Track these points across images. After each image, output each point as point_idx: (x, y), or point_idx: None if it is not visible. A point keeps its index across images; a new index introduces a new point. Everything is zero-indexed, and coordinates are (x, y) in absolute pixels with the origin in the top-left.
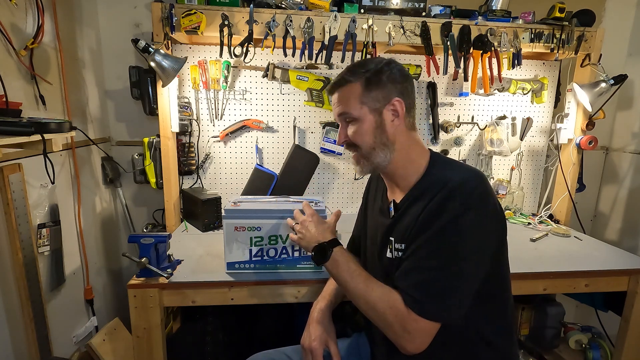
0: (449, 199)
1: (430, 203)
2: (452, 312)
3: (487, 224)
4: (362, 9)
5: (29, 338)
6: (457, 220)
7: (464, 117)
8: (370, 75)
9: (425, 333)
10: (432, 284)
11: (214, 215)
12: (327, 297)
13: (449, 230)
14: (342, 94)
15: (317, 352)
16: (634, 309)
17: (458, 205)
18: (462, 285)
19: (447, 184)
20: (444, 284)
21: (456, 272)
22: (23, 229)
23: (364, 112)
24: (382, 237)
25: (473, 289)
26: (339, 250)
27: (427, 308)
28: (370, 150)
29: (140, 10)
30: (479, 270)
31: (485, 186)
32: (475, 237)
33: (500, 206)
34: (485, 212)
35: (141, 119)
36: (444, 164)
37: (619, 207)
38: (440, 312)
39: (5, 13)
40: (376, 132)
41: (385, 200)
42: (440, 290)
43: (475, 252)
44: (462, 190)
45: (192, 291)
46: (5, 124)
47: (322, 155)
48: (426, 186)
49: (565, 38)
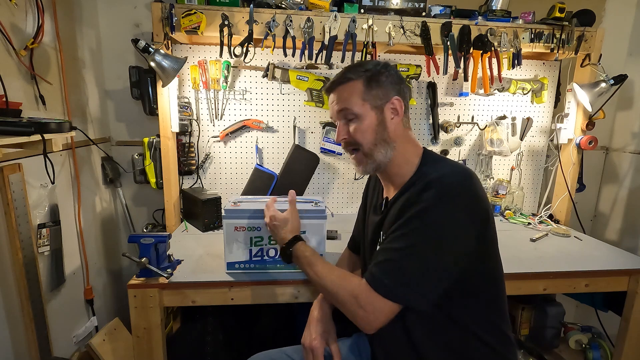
0: (425, 190)
1: (410, 196)
2: (408, 293)
3: (460, 219)
4: (362, 9)
5: (29, 338)
6: (427, 210)
7: (464, 117)
8: (371, 75)
9: (380, 310)
10: (393, 264)
11: (214, 215)
12: None
13: (418, 218)
14: (342, 91)
15: (318, 351)
16: (634, 309)
17: (431, 197)
18: (424, 272)
19: (426, 177)
20: (404, 265)
21: (419, 258)
22: (23, 229)
23: (365, 109)
24: (374, 234)
25: (443, 280)
26: (297, 247)
27: (384, 284)
28: (372, 147)
29: (140, 10)
30: (447, 263)
31: (468, 182)
32: (444, 230)
33: (483, 203)
34: (459, 206)
35: (141, 119)
36: (434, 161)
37: (619, 207)
38: (396, 291)
39: (5, 13)
40: (378, 129)
41: (380, 199)
42: (400, 270)
43: (443, 244)
44: (439, 183)
45: (192, 291)
46: (5, 124)
47: (322, 155)
48: (412, 182)
49: (565, 38)
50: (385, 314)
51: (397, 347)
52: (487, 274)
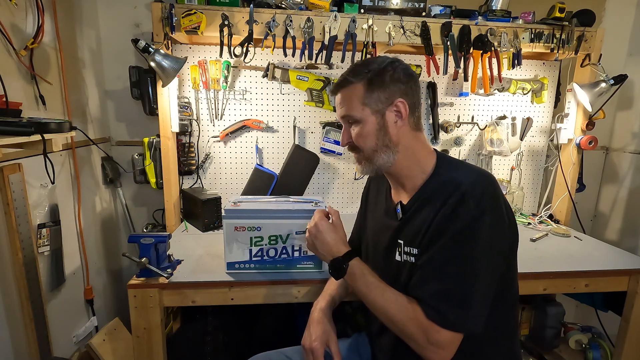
0: (462, 203)
1: (443, 208)
2: (474, 320)
3: (501, 226)
4: (362, 9)
5: (29, 338)
6: (472, 225)
7: (464, 117)
8: (373, 76)
9: (450, 343)
10: (452, 293)
11: (214, 215)
12: (328, 297)
13: (465, 235)
14: (344, 95)
15: (318, 352)
16: (634, 309)
17: (472, 209)
18: (481, 291)
19: (458, 187)
20: (464, 292)
21: (475, 278)
22: (23, 229)
23: (366, 114)
24: (390, 240)
25: (491, 293)
26: (354, 264)
27: (449, 318)
28: (372, 152)
29: (140, 10)
30: (495, 274)
31: (495, 188)
32: (490, 241)
33: (509, 206)
34: (498, 214)
35: (141, 119)
36: (451, 164)
37: (619, 207)
38: (462, 322)
39: (5, 13)
40: (379, 134)
41: (391, 201)
42: (461, 299)
43: (491, 256)
44: (474, 193)
45: (192, 291)
46: (5, 124)
47: (322, 155)
48: (435, 188)
49: (565, 38)
50: (457, 345)
51: (399, 348)
52: (510, 278)
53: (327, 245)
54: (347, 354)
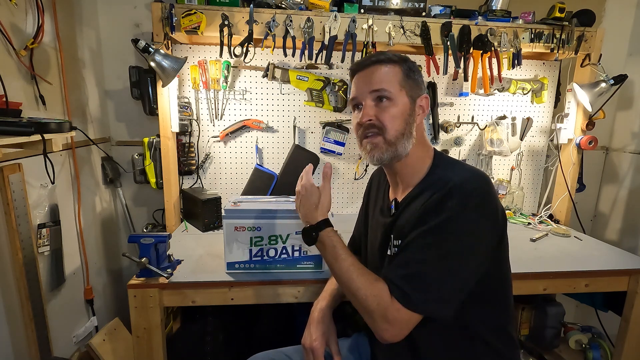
0: (447, 198)
1: (428, 201)
2: (437, 306)
3: (484, 226)
4: (362, 9)
5: (29, 338)
6: (453, 219)
7: (464, 117)
8: (411, 65)
9: (405, 322)
10: (420, 277)
11: (214, 215)
12: (328, 297)
13: (444, 228)
14: (382, 71)
15: (318, 352)
16: (634, 309)
17: (456, 205)
18: (452, 282)
19: (447, 183)
20: (432, 277)
21: (446, 268)
22: (23, 229)
23: (402, 95)
24: (383, 236)
25: (465, 288)
26: (325, 234)
27: (412, 299)
28: (398, 135)
29: (140, 10)
30: (471, 271)
31: (486, 187)
32: (469, 238)
33: (501, 207)
34: (483, 213)
35: (141, 119)
36: (448, 164)
37: (619, 207)
38: (424, 304)
39: (5, 13)
40: (408, 119)
41: (387, 200)
42: (427, 283)
43: (469, 253)
44: (462, 190)
45: (192, 291)
46: (5, 124)
47: (322, 155)
48: (427, 185)
49: (565, 38)
50: (411, 327)
51: (398, 347)
52: (501, 277)
53: (306, 212)
54: (347, 354)
